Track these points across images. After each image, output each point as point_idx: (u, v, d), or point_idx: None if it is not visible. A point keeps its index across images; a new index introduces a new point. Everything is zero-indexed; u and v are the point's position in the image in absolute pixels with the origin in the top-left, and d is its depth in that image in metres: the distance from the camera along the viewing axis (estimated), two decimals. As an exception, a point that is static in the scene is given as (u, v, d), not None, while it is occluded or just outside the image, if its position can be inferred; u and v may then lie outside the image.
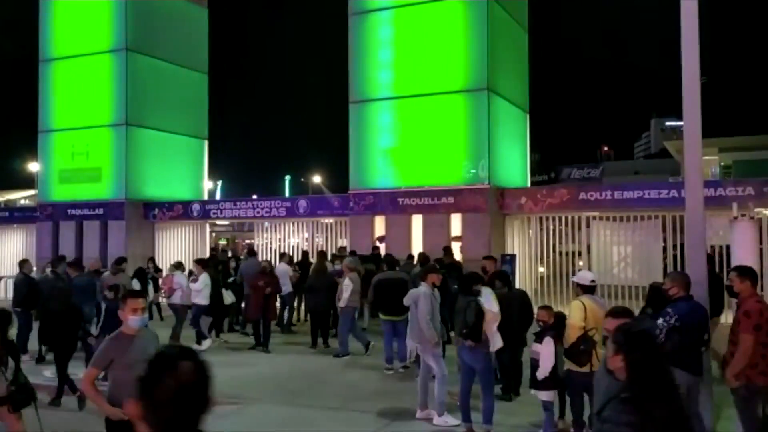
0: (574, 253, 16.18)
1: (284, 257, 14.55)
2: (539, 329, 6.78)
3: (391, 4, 16.37)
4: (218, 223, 22.16)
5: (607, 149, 76.39)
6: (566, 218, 15.58)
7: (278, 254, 15.61)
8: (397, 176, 16.07)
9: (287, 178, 50.95)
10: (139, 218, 19.42)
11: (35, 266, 15.10)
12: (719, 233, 14.01)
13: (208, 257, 15.35)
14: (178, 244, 20.10)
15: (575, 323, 6.16)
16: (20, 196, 39.78)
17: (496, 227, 15.36)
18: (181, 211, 19.32)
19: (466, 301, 6.85)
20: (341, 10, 17.19)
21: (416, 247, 15.31)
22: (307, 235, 19.10)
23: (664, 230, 14.87)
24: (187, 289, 12.02)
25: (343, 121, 16.98)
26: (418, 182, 15.77)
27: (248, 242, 25.04)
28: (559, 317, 6.82)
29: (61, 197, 20.05)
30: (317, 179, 48.34)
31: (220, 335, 12.84)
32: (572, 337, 6.12)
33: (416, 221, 15.90)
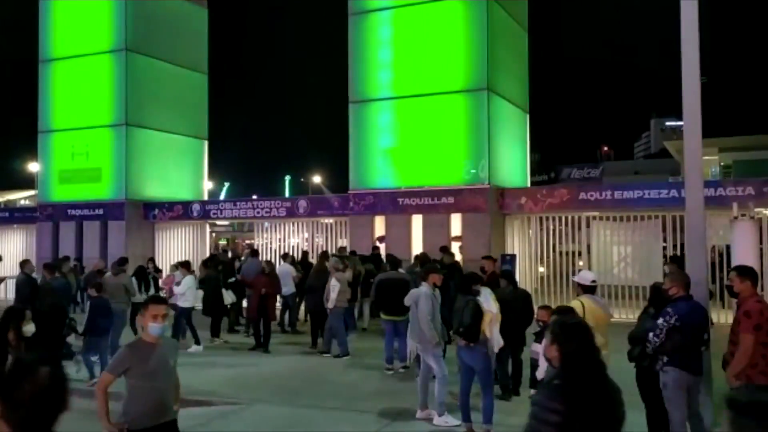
0: (574, 253, 16.19)
1: (287, 257, 14.51)
2: (539, 329, 6.78)
3: (390, 4, 16.37)
4: (218, 223, 22.15)
5: (607, 149, 76.37)
6: (566, 218, 15.59)
7: (281, 254, 15.59)
8: (397, 176, 16.07)
9: (287, 178, 51.03)
10: (139, 218, 19.42)
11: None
12: (719, 233, 14.03)
13: (208, 257, 15.34)
14: (178, 244, 20.10)
15: None
16: (20, 196, 39.80)
17: (496, 227, 15.36)
18: (181, 211, 19.32)
19: (464, 300, 6.86)
20: (341, 10, 17.21)
21: (416, 247, 15.32)
22: (307, 235, 19.10)
23: (664, 230, 14.87)
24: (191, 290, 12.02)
25: (343, 121, 17.00)
26: (418, 182, 15.76)
27: (248, 242, 25.04)
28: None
29: (61, 197, 20.04)
30: (317, 179, 48.36)
31: (220, 335, 12.83)
32: None
33: (416, 221, 15.90)
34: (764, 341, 5.29)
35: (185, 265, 12.73)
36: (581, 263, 15.73)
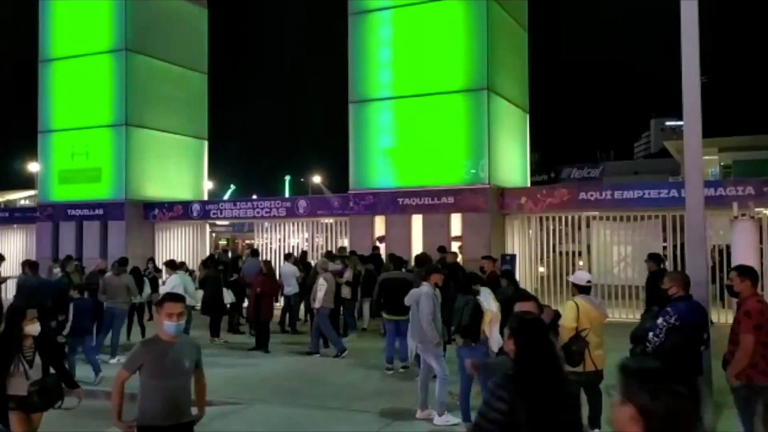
0: (574, 253, 16.20)
1: (290, 258, 14.48)
2: None
3: (390, 4, 16.37)
4: (218, 223, 22.14)
5: (606, 155, 75.89)
6: (566, 218, 15.59)
7: (285, 254, 15.56)
8: (397, 176, 16.06)
9: (287, 178, 50.89)
10: (139, 218, 19.42)
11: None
12: (719, 233, 14.03)
13: (207, 257, 15.34)
14: (178, 244, 20.09)
15: (567, 324, 6.16)
16: (20, 196, 39.77)
17: (496, 227, 15.36)
18: (181, 211, 19.32)
19: (464, 300, 6.86)
20: (341, 10, 17.21)
21: (416, 247, 15.32)
22: (307, 235, 19.08)
23: (664, 230, 14.87)
24: (191, 289, 12.01)
25: (343, 121, 16.99)
26: (418, 182, 15.76)
27: (248, 242, 25.02)
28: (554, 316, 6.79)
29: (61, 197, 20.04)
30: (317, 179, 48.28)
31: (220, 335, 12.83)
32: (564, 338, 6.12)
33: (416, 221, 15.90)
34: (764, 341, 5.29)
35: (170, 264, 12.76)
36: (581, 263, 15.72)
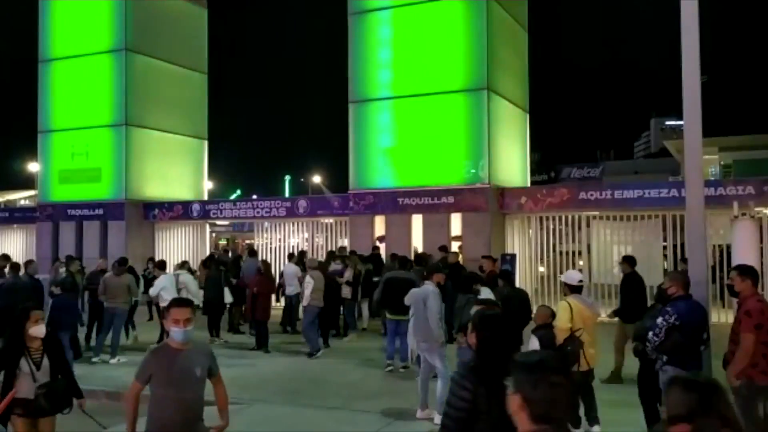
0: (574, 252, 16.18)
1: (292, 258, 14.45)
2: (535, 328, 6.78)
3: (390, 3, 16.36)
4: (218, 223, 22.15)
5: (606, 155, 75.84)
6: (566, 218, 15.58)
7: (287, 255, 15.54)
8: (397, 176, 16.06)
9: (287, 178, 50.91)
10: (139, 218, 19.42)
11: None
12: (720, 232, 14.02)
13: (207, 257, 15.33)
14: (178, 244, 20.10)
15: (562, 325, 6.15)
16: (20, 196, 39.79)
17: (496, 227, 15.36)
18: (181, 211, 19.32)
19: (465, 299, 6.86)
20: (341, 9, 17.21)
21: (416, 247, 15.32)
22: (307, 235, 19.08)
23: (664, 230, 14.87)
24: (194, 289, 12.02)
25: (343, 121, 17.00)
26: (418, 182, 15.75)
27: (248, 242, 25.02)
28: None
29: (60, 197, 20.05)
30: (317, 179, 48.25)
31: (220, 335, 12.83)
32: (560, 338, 6.12)
33: (416, 221, 15.90)
34: (765, 340, 5.29)
35: (160, 265, 12.79)
36: (581, 263, 15.73)
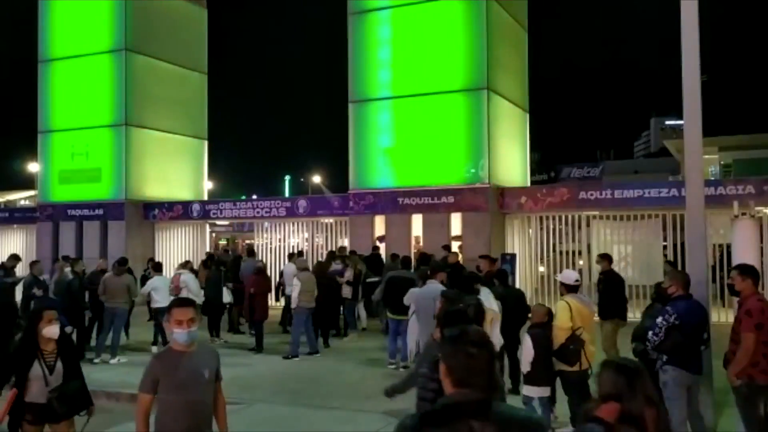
0: (574, 252, 16.17)
1: (293, 257, 14.45)
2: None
3: (390, 3, 16.36)
4: (218, 223, 22.15)
5: (606, 154, 75.76)
6: (566, 217, 15.57)
7: (288, 255, 15.53)
8: (396, 176, 16.06)
9: (287, 178, 50.94)
10: (139, 218, 19.42)
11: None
12: (720, 232, 14.02)
13: (207, 257, 15.33)
14: (178, 244, 20.09)
15: (562, 325, 6.13)
16: (20, 196, 39.74)
17: (496, 226, 15.35)
18: (181, 211, 19.32)
19: (467, 299, 6.83)
20: (341, 9, 17.21)
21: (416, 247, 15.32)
22: (307, 235, 19.07)
23: (664, 229, 14.86)
24: (195, 288, 12.02)
25: (342, 121, 16.99)
26: (417, 182, 15.75)
27: (248, 242, 25.01)
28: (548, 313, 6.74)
29: (61, 198, 20.05)
30: (317, 179, 48.25)
31: (220, 335, 12.83)
32: (560, 338, 6.09)
33: (416, 221, 15.89)
34: (765, 340, 5.29)
35: (156, 266, 12.83)
36: (581, 262, 15.71)
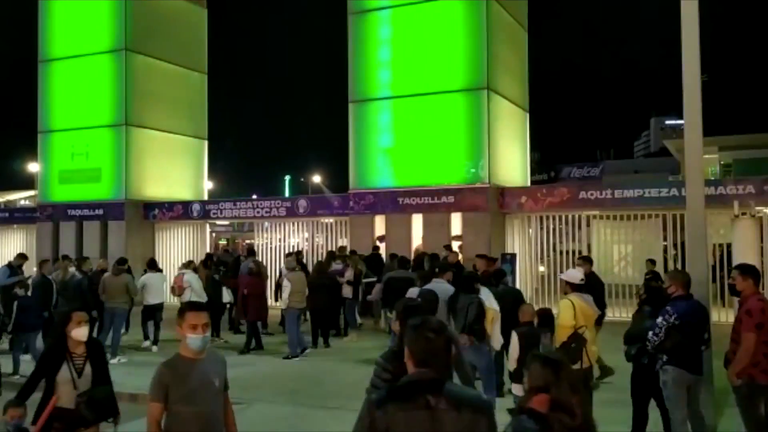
0: (574, 252, 16.16)
1: (289, 257, 14.42)
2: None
3: (390, 3, 16.35)
4: (218, 223, 22.14)
5: (606, 154, 75.75)
6: (566, 217, 15.57)
7: (285, 254, 15.51)
8: (397, 176, 16.05)
9: (287, 178, 50.93)
10: (139, 218, 19.41)
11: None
12: (720, 232, 14.02)
13: (206, 257, 15.32)
14: (178, 244, 20.07)
15: (565, 323, 6.13)
16: (20, 196, 39.72)
17: (496, 226, 15.35)
18: (181, 211, 19.31)
19: (468, 299, 6.85)
20: (341, 9, 17.20)
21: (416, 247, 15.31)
22: (307, 235, 19.07)
23: (664, 229, 14.87)
24: (199, 288, 12.02)
25: (342, 120, 16.98)
26: (417, 182, 15.74)
27: (248, 242, 25.01)
28: (546, 314, 6.74)
29: (61, 198, 20.04)
30: (317, 179, 48.24)
31: (220, 335, 12.82)
32: (563, 336, 6.09)
33: (416, 221, 15.89)
34: (766, 340, 5.29)
35: (150, 263, 12.85)
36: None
